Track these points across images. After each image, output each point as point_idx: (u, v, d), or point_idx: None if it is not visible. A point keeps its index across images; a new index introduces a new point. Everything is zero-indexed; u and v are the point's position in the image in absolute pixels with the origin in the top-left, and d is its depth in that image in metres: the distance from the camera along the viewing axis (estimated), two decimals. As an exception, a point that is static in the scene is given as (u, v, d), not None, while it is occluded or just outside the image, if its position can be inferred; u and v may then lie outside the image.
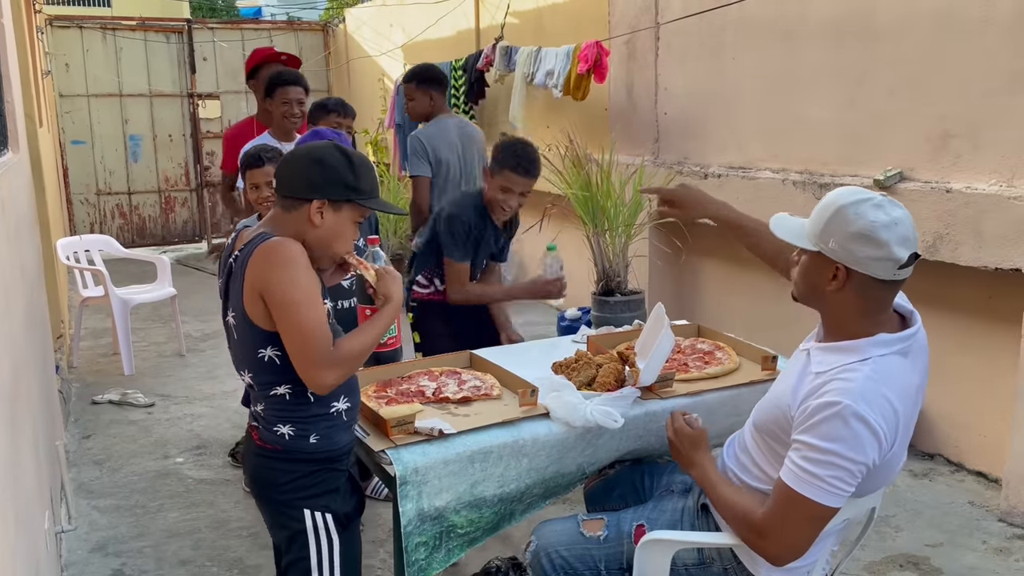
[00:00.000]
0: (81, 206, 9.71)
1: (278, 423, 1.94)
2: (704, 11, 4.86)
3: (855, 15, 4.04)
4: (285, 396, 1.92)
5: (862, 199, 1.74)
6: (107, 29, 9.63)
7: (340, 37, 10.72)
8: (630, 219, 5.03)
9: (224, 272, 1.96)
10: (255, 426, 2.02)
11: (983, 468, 3.75)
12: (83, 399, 4.93)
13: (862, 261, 1.72)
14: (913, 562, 3.09)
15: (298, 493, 1.96)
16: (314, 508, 1.96)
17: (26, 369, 2.58)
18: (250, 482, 2.08)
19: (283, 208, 1.92)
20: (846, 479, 1.69)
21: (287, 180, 1.92)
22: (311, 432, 1.94)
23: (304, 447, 1.94)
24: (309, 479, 1.96)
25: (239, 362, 1.99)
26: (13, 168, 3.07)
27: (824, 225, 1.76)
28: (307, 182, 1.88)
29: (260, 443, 1.98)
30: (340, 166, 1.89)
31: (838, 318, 1.81)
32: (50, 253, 5.17)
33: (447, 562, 2.15)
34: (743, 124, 4.81)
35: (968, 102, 3.58)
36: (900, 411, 1.72)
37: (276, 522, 2.03)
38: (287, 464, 1.95)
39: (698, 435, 2.03)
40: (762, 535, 1.79)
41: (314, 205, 1.87)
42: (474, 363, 2.62)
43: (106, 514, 3.56)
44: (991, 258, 3.44)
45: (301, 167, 1.90)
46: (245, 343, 1.92)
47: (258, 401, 1.98)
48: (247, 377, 1.98)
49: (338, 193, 1.89)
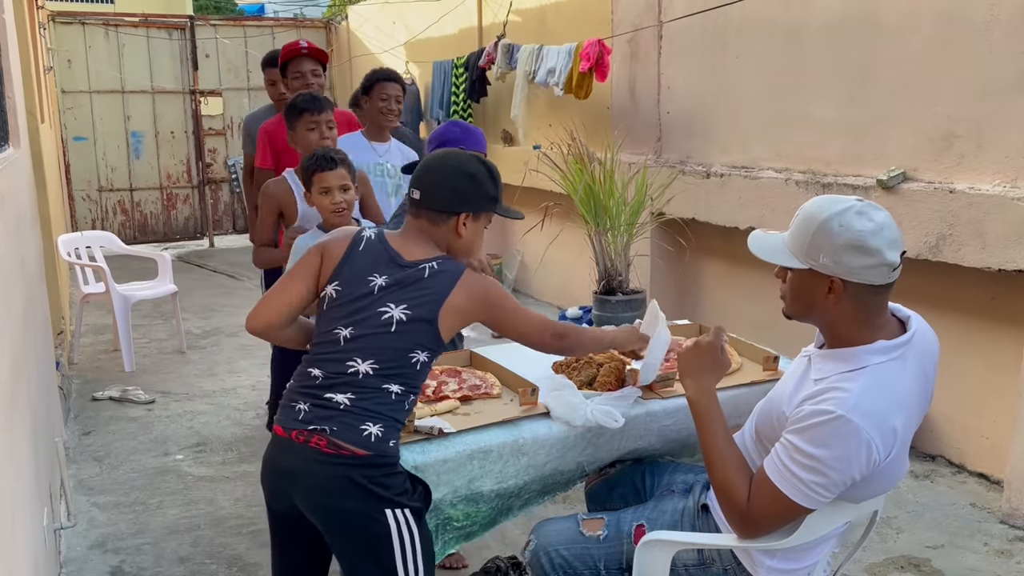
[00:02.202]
0: (83, 202, 9.71)
1: (368, 421, 1.88)
2: (707, 9, 4.85)
3: (859, 14, 4.02)
4: (392, 395, 1.91)
5: (843, 209, 1.72)
6: (109, 25, 9.64)
7: (343, 34, 10.72)
8: (632, 218, 5.02)
9: (387, 269, 1.97)
10: (319, 430, 1.88)
11: (985, 470, 3.74)
12: (83, 395, 4.93)
13: (856, 271, 1.71)
14: (914, 564, 3.08)
15: (384, 494, 1.88)
16: (394, 507, 1.90)
17: (26, 365, 2.58)
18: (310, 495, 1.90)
19: (430, 221, 2.00)
20: (827, 487, 1.70)
21: (436, 194, 1.98)
22: (392, 436, 1.92)
23: (387, 451, 1.90)
24: (391, 479, 1.91)
25: (373, 351, 1.92)
26: (14, 164, 3.07)
27: (810, 240, 1.73)
28: (459, 197, 1.98)
29: (333, 450, 1.86)
30: (487, 180, 2.01)
31: (837, 329, 1.80)
32: (51, 249, 5.17)
33: (442, 554, 2.15)
34: (746, 123, 4.80)
35: (972, 102, 3.57)
36: (897, 422, 1.70)
37: (348, 531, 1.92)
38: (369, 469, 1.87)
39: (724, 362, 2.03)
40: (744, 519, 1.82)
41: (461, 217, 1.99)
42: (474, 362, 2.62)
43: (105, 511, 3.56)
44: (994, 259, 3.43)
45: (453, 182, 1.98)
46: (406, 340, 1.93)
47: (346, 388, 1.90)
48: (364, 366, 1.90)
49: (484, 206, 2.02)
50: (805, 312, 1.83)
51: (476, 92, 7.25)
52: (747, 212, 4.64)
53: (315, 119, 3.25)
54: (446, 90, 7.71)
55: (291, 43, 4.04)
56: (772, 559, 1.89)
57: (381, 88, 3.78)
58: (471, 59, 7.26)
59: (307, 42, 4.03)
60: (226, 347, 5.90)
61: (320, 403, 1.91)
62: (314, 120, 3.24)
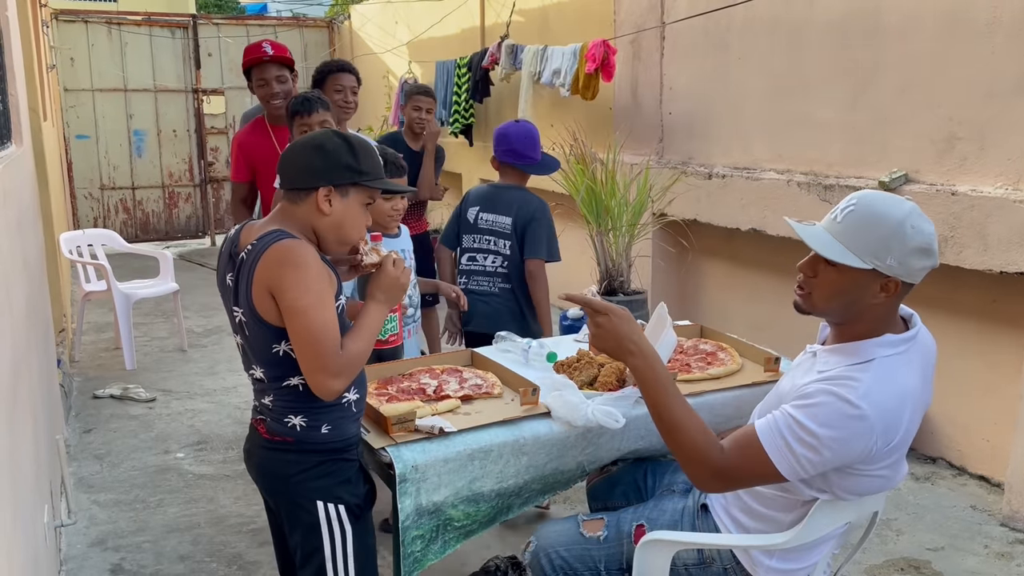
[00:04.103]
0: (85, 201, 9.72)
1: (289, 414, 1.92)
2: (710, 11, 4.85)
3: (861, 16, 4.02)
4: (298, 388, 1.90)
5: (909, 210, 1.68)
6: (112, 24, 9.65)
7: (345, 34, 10.72)
8: (634, 219, 5.02)
9: (228, 266, 1.92)
10: (262, 419, 1.99)
11: (985, 472, 3.74)
12: (84, 393, 4.93)
13: (915, 273, 1.69)
14: (914, 566, 3.08)
15: (310, 484, 1.94)
16: (327, 499, 1.94)
17: (27, 362, 2.58)
18: (258, 476, 2.04)
19: (290, 201, 1.90)
20: (816, 464, 1.68)
21: (291, 172, 1.90)
22: (322, 423, 1.93)
23: (315, 438, 1.93)
24: (320, 469, 1.94)
25: (251, 357, 1.95)
26: (16, 161, 3.07)
27: (882, 242, 1.65)
28: (310, 169, 1.87)
29: (269, 436, 1.96)
30: (340, 149, 1.88)
31: (861, 325, 1.76)
32: (53, 247, 5.16)
33: (442, 553, 2.15)
34: (748, 124, 4.80)
35: (974, 104, 3.56)
36: (904, 414, 1.70)
37: (288, 515, 2.01)
38: (298, 456, 1.94)
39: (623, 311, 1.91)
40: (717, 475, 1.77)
41: (321, 193, 1.86)
42: (475, 361, 2.62)
43: (106, 509, 3.56)
44: (996, 261, 3.42)
45: (302, 156, 1.89)
46: (258, 339, 1.89)
47: (266, 393, 1.95)
48: (258, 372, 1.94)
49: (343, 177, 1.87)
50: (839, 309, 1.77)
51: (479, 92, 7.25)
52: (748, 213, 4.64)
53: (306, 122, 3.15)
54: (449, 90, 7.71)
55: (253, 46, 3.67)
56: (772, 559, 1.89)
57: (334, 80, 3.64)
58: (474, 59, 7.26)
59: (271, 43, 3.66)
60: (227, 345, 5.90)
61: (259, 403, 2.01)
62: (305, 123, 3.15)
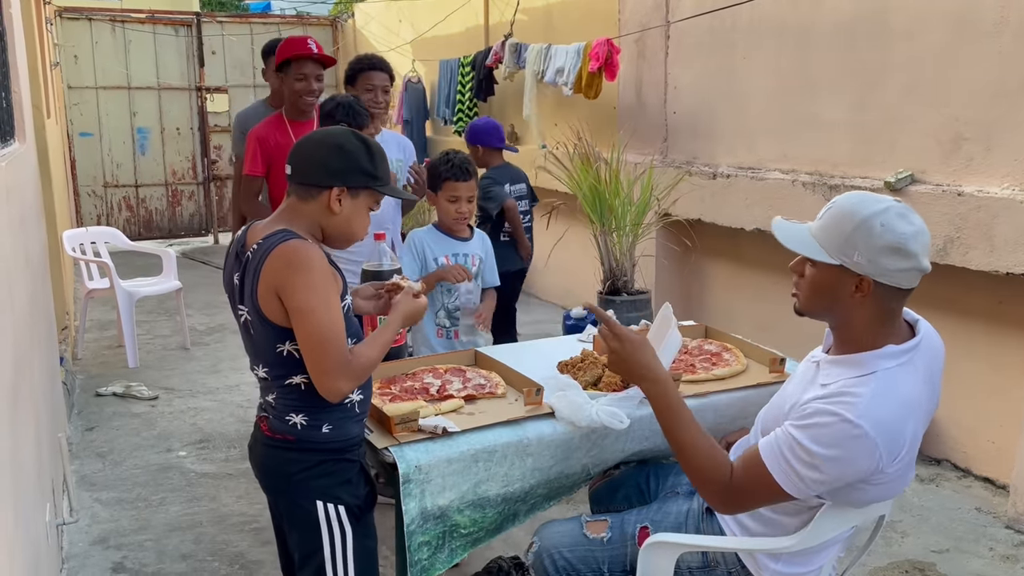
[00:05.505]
0: (88, 198, 9.73)
1: (291, 412, 1.91)
2: (715, 10, 4.84)
3: (868, 16, 4.00)
4: (300, 386, 1.90)
5: (884, 208, 1.67)
6: (116, 21, 9.65)
7: (349, 32, 10.72)
8: (638, 218, 5.01)
9: (234, 266, 1.92)
10: (264, 416, 1.98)
11: (990, 474, 3.72)
12: (87, 391, 4.93)
13: (890, 273, 1.67)
14: (919, 568, 3.06)
15: (310, 484, 1.93)
16: (326, 500, 1.93)
17: (29, 360, 2.57)
18: (259, 473, 2.03)
19: (299, 197, 1.89)
20: (821, 483, 1.69)
21: (305, 165, 1.88)
22: (324, 422, 1.92)
23: (316, 437, 1.92)
24: (321, 469, 1.93)
25: (255, 356, 1.94)
26: (19, 158, 3.06)
27: (847, 238, 1.68)
28: (327, 168, 1.86)
29: (270, 434, 1.95)
30: (359, 152, 1.87)
31: (852, 329, 1.76)
32: (56, 244, 5.16)
33: (450, 562, 2.13)
34: (753, 124, 4.78)
35: (981, 105, 3.55)
36: (907, 428, 1.68)
37: (288, 514, 2.00)
38: (299, 454, 1.93)
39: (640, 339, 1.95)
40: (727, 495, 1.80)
41: (333, 192, 1.85)
42: (479, 361, 2.60)
43: (108, 507, 3.56)
44: (1002, 262, 3.41)
45: (320, 152, 1.88)
46: (262, 339, 1.88)
47: (270, 391, 1.95)
48: (262, 371, 1.93)
49: (358, 180, 1.87)
50: (823, 309, 1.79)
51: (483, 91, 7.24)
52: (753, 213, 4.62)
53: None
54: (452, 89, 7.70)
55: (297, 39, 3.70)
56: (777, 563, 1.87)
57: (366, 79, 3.56)
58: (478, 58, 7.25)
59: (315, 43, 3.70)
60: (230, 344, 5.89)
61: (263, 401, 2.00)
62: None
